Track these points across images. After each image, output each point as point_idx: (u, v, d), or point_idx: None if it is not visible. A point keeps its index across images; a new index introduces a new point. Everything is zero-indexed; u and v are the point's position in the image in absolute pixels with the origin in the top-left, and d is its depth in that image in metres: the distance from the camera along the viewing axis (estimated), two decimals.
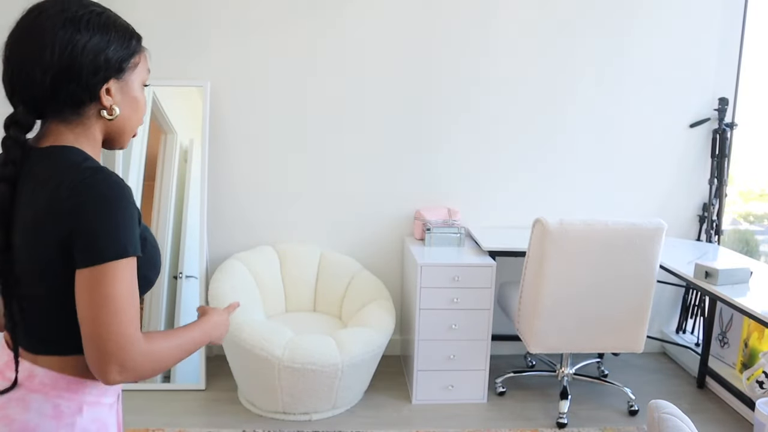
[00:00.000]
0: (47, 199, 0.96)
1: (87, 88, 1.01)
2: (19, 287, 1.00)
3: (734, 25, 3.40)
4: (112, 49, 1.04)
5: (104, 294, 0.94)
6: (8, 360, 1.04)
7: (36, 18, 0.99)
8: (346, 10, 3.23)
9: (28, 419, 0.99)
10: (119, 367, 0.94)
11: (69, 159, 1.00)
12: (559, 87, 3.38)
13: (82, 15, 1.01)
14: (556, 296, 2.66)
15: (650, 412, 1.40)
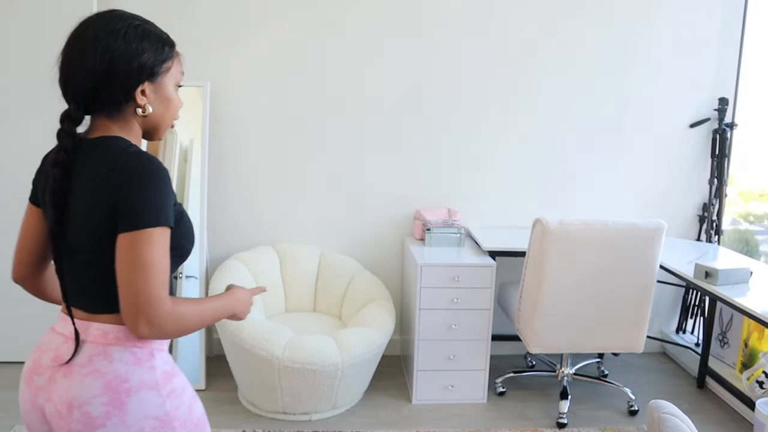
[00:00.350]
0: (102, 180, 1.13)
1: (123, 90, 1.18)
2: (74, 258, 1.18)
3: (734, 25, 3.41)
4: (145, 56, 1.18)
5: (140, 256, 1.08)
6: (72, 330, 1.18)
7: (83, 31, 1.18)
8: (346, 11, 3.23)
9: (115, 368, 1.15)
10: (147, 323, 1.08)
11: (116, 146, 1.17)
12: (559, 87, 3.39)
13: (120, 27, 1.17)
14: (556, 296, 2.66)
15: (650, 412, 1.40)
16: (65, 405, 1.14)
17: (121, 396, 1.14)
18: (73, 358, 1.16)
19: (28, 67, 3.04)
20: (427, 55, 3.30)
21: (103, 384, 1.14)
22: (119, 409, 1.13)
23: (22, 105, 3.07)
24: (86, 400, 1.13)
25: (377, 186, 3.39)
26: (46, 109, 3.09)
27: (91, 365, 1.15)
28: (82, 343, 1.17)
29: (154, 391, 1.17)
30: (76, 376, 1.15)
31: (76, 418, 1.13)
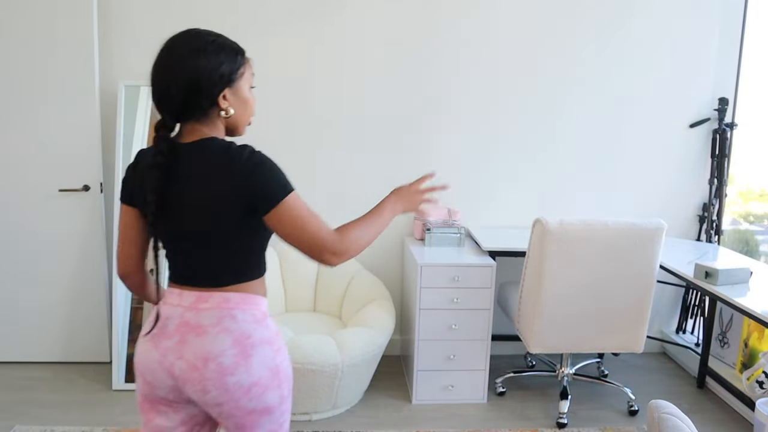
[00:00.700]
0: (224, 174, 1.33)
1: (208, 98, 1.37)
2: (190, 242, 1.40)
3: (734, 25, 3.41)
4: (222, 66, 1.37)
5: (295, 216, 1.35)
6: (194, 301, 1.41)
7: (170, 51, 1.36)
8: (346, 11, 3.23)
9: (240, 327, 1.38)
10: (332, 255, 1.37)
11: (219, 145, 1.36)
12: (559, 87, 3.39)
13: (200, 45, 1.35)
14: (556, 296, 2.66)
15: (650, 412, 1.40)
16: (201, 359, 1.36)
17: (247, 349, 1.37)
18: (200, 321, 1.38)
19: (29, 66, 3.04)
20: (426, 56, 3.30)
21: (232, 340, 1.37)
22: (246, 360, 1.37)
23: (22, 105, 3.07)
24: (220, 353, 1.36)
25: (377, 186, 3.39)
26: (47, 109, 3.09)
27: (220, 325, 1.37)
28: (206, 309, 1.39)
29: (269, 346, 1.41)
30: (208, 335, 1.36)
31: (211, 368, 1.35)
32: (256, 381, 1.38)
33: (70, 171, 3.13)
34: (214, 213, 1.35)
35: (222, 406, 1.39)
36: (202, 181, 1.34)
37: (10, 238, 3.18)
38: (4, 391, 2.99)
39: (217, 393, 1.37)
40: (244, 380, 1.37)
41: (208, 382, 1.36)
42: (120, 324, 3.04)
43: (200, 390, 1.38)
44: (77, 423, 2.72)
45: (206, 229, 1.38)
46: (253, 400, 1.39)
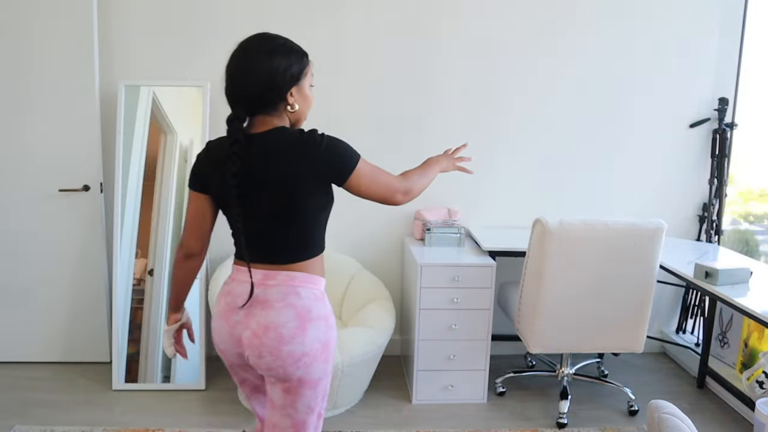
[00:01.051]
0: (299, 158, 1.53)
1: (279, 94, 1.55)
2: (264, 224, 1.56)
3: (734, 25, 3.40)
4: (293, 67, 1.57)
5: (368, 175, 1.60)
6: (261, 277, 1.57)
7: (246, 52, 1.55)
8: (345, 10, 3.23)
9: (304, 303, 1.56)
10: (401, 194, 1.66)
11: (291, 132, 1.57)
12: (559, 87, 3.39)
13: (272, 47, 1.55)
14: (556, 296, 2.66)
15: (650, 412, 1.40)
16: (262, 327, 1.54)
17: (306, 323, 1.55)
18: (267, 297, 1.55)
19: (29, 66, 3.04)
20: (426, 56, 3.30)
21: (295, 314, 1.55)
22: (303, 332, 1.54)
23: (22, 105, 3.07)
24: (281, 324, 1.53)
25: None
26: (47, 109, 3.09)
27: (285, 300, 1.55)
28: (273, 286, 1.56)
29: (324, 322, 1.58)
30: (273, 309, 1.55)
31: (270, 336, 1.53)
32: (307, 352, 1.55)
33: (70, 171, 3.13)
34: (290, 193, 1.53)
35: (272, 371, 1.56)
36: (279, 165, 1.52)
37: (10, 238, 3.18)
38: (4, 391, 2.99)
39: (270, 359, 1.54)
40: (297, 350, 1.54)
41: (264, 348, 1.54)
42: (120, 324, 3.04)
43: (256, 355, 1.55)
44: (77, 423, 2.72)
45: (281, 209, 1.54)
46: (301, 369, 1.56)
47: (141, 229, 3.09)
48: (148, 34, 3.18)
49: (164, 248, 3.08)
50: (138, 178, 3.10)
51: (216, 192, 1.59)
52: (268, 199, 1.54)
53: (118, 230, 3.07)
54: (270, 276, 1.57)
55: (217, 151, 1.58)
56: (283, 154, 1.53)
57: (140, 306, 3.06)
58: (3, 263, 3.20)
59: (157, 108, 3.13)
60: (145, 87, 3.12)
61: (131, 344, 3.05)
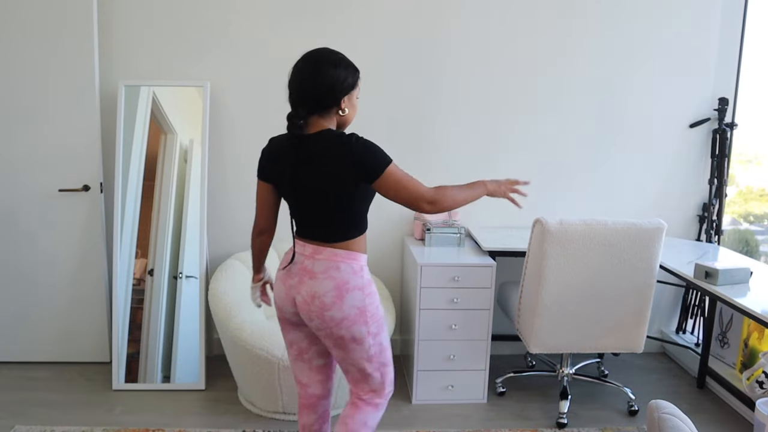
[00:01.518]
0: (343, 156, 1.78)
1: (335, 99, 1.83)
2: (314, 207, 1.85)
3: (734, 25, 3.40)
4: (349, 78, 1.86)
5: (397, 180, 1.80)
6: (311, 252, 1.88)
7: (313, 61, 1.83)
8: (346, 10, 3.23)
9: (341, 275, 1.86)
10: (426, 203, 1.83)
11: (334, 134, 1.82)
12: (559, 87, 3.39)
13: (336, 60, 1.85)
14: (556, 296, 2.66)
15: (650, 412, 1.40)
16: (309, 296, 1.86)
17: (343, 292, 1.85)
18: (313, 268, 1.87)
19: (29, 66, 3.04)
20: (426, 56, 3.30)
21: (333, 284, 1.85)
22: (340, 300, 1.85)
23: (23, 105, 3.07)
24: (323, 293, 1.85)
25: None
26: (47, 109, 3.09)
27: (327, 273, 1.86)
28: (319, 260, 1.87)
29: (360, 291, 1.88)
30: (317, 280, 1.86)
31: (315, 304, 1.85)
32: (345, 316, 1.86)
33: (70, 171, 3.13)
34: (331, 186, 1.80)
35: (321, 331, 1.90)
36: (321, 162, 1.80)
37: (10, 238, 3.18)
38: (4, 391, 2.99)
39: (318, 322, 1.88)
40: (336, 315, 1.86)
41: (312, 313, 1.87)
42: (120, 324, 3.04)
43: (307, 318, 1.90)
44: (77, 423, 2.72)
45: (323, 198, 1.82)
46: (343, 330, 1.88)
47: (141, 229, 3.09)
48: (148, 34, 3.18)
49: (164, 248, 3.08)
50: (138, 178, 3.10)
51: (275, 180, 1.91)
52: (315, 190, 1.82)
53: (118, 230, 3.07)
54: (318, 251, 1.88)
55: (277, 146, 1.90)
56: (325, 153, 1.80)
57: (140, 306, 3.06)
58: (3, 263, 3.20)
59: (157, 108, 3.13)
60: (145, 87, 3.13)
61: (131, 344, 3.05)
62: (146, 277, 3.08)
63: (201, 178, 3.13)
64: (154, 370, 3.04)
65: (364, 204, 1.90)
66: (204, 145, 3.15)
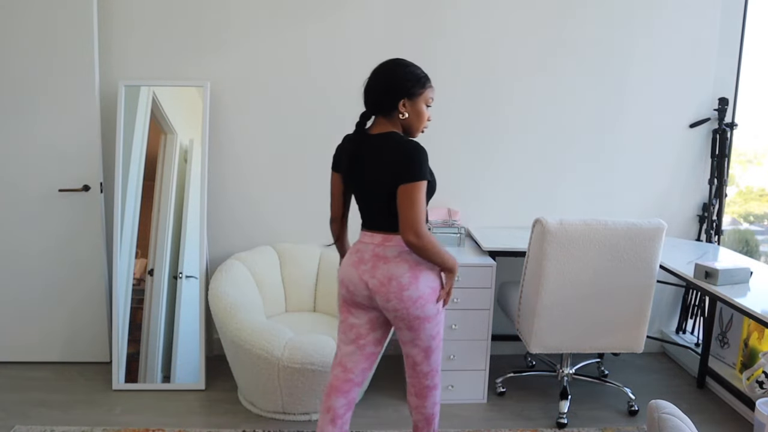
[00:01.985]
0: (393, 156, 1.94)
1: (392, 101, 2.00)
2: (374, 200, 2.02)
3: (734, 25, 3.41)
4: (409, 83, 2.00)
5: (413, 198, 1.91)
6: (381, 240, 2.04)
7: (381, 66, 2.05)
8: (346, 10, 3.23)
9: (414, 257, 2.02)
10: (414, 235, 1.91)
11: (396, 137, 1.99)
12: (558, 87, 3.39)
13: (399, 63, 2.04)
14: (556, 296, 2.66)
15: (650, 412, 1.40)
16: (386, 278, 2.01)
17: (417, 273, 2.01)
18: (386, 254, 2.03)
19: (29, 66, 3.04)
20: (426, 56, 3.30)
21: (408, 266, 2.01)
22: (416, 280, 2.01)
23: (22, 105, 3.07)
24: (400, 275, 2.00)
25: None
26: (47, 109, 3.09)
27: (400, 257, 2.02)
28: (390, 246, 2.03)
29: (432, 273, 2.05)
30: (392, 263, 2.02)
31: (393, 285, 2.00)
32: (421, 295, 2.02)
33: (70, 171, 3.13)
34: (387, 181, 1.95)
35: (398, 311, 2.03)
36: (381, 160, 1.97)
37: (10, 238, 3.18)
38: (4, 391, 2.99)
39: (396, 302, 2.01)
40: (413, 294, 2.01)
41: (390, 294, 2.01)
42: (120, 324, 3.04)
43: (384, 300, 2.03)
44: (77, 423, 2.72)
45: (383, 192, 1.98)
46: (418, 309, 2.02)
47: (141, 229, 3.09)
48: (148, 34, 3.18)
49: (164, 248, 3.08)
50: (138, 178, 3.10)
51: (343, 173, 2.10)
52: (375, 184, 2.00)
53: (118, 230, 3.07)
54: (388, 239, 2.03)
55: (348, 142, 2.09)
56: (385, 153, 1.97)
57: (140, 306, 3.06)
58: (3, 263, 3.20)
59: (157, 108, 3.13)
60: (145, 87, 3.13)
61: (131, 344, 3.05)
62: (146, 277, 3.08)
63: (201, 178, 3.14)
64: (154, 370, 3.04)
65: None
66: (204, 145, 3.15)
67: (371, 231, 2.06)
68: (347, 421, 2.18)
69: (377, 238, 2.04)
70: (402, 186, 1.91)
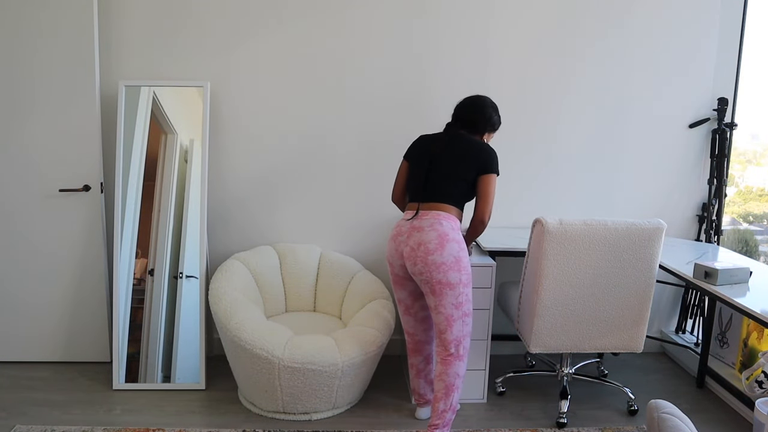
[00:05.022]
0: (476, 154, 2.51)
1: (482, 128, 2.63)
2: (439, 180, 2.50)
3: (734, 25, 3.41)
4: (494, 118, 2.65)
5: (488, 186, 2.50)
6: (422, 213, 2.48)
7: (481, 99, 2.65)
8: (346, 10, 3.23)
9: (443, 229, 2.42)
10: (484, 220, 2.49)
11: (477, 140, 2.56)
12: (558, 87, 3.39)
13: (493, 105, 2.65)
14: (555, 296, 2.66)
15: (650, 412, 1.41)
16: (416, 243, 2.41)
17: (443, 241, 2.39)
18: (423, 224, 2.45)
19: (29, 66, 3.04)
20: (426, 56, 3.30)
21: (436, 234, 2.40)
22: (441, 247, 2.38)
23: (23, 105, 3.07)
24: (428, 241, 2.39)
25: (377, 186, 3.39)
26: (47, 109, 3.09)
27: (432, 227, 2.42)
28: (425, 218, 2.46)
29: (456, 243, 2.42)
30: (424, 231, 2.42)
31: (421, 249, 2.39)
32: (444, 261, 2.36)
33: (70, 171, 3.13)
34: (461, 170, 2.49)
35: (423, 275, 2.40)
36: (461, 156, 2.50)
37: (11, 237, 3.18)
38: (4, 391, 2.99)
39: (421, 266, 2.39)
40: (437, 259, 2.36)
41: (417, 258, 2.39)
42: (120, 324, 3.04)
43: (412, 263, 2.40)
44: (77, 423, 2.73)
45: (451, 177, 2.48)
46: (441, 274, 2.37)
47: (141, 229, 3.09)
48: (148, 34, 3.18)
49: (164, 248, 3.08)
50: (138, 178, 3.10)
51: (414, 161, 2.59)
52: (449, 170, 2.49)
53: (118, 230, 3.07)
54: (425, 213, 2.47)
55: (425, 138, 2.63)
56: (468, 149, 2.52)
57: (140, 306, 3.06)
58: (3, 263, 3.20)
59: (157, 108, 3.13)
60: (145, 87, 3.13)
61: (131, 344, 3.05)
62: (146, 277, 3.08)
63: (201, 178, 3.14)
64: (154, 370, 3.05)
65: (471, 191, 2.53)
66: (204, 145, 3.15)
67: (417, 204, 2.51)
68: (430, 371, 2.77)
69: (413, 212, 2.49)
70: (483, 176, 2.48)
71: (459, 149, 2.49)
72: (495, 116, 2.62)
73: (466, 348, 2.51)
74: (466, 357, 2.53)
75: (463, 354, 2.50)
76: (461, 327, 2.45)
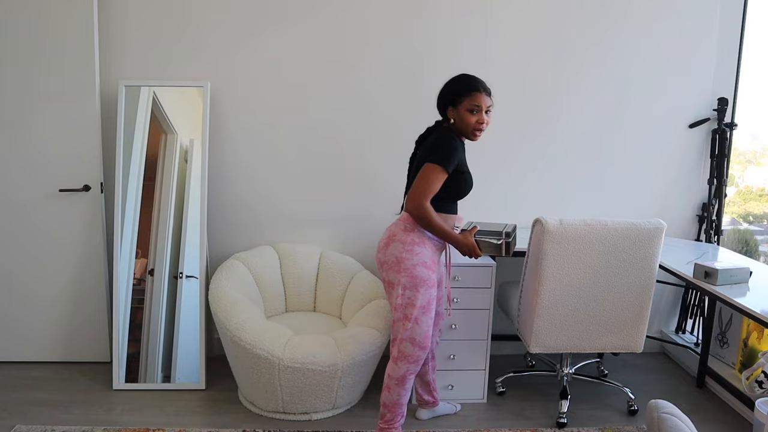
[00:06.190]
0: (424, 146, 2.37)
1: (440, 106, 2.42)
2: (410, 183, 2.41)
3: (734, 25, 3.41)
4: (453, 93, 2.37)
5: (423, 176, 2.26)
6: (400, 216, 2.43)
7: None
8: (346, 10, 3.23)
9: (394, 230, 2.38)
10: (413, 205, 2.26)
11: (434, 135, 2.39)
12: (558, 87, 3.39)
13: (449, 80, 2.42)
14: (555, 296, 2.66)
15: (650, 412, 1.41)
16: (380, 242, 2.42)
17: (389, 241, 2.36)
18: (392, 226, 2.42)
19: (29, 67, 3.04)
20: (425, 55, 3.30)
21: (387, 234, 2.38)
22: (386, 246, 2.37)
23: (23, 105, 3.07)
24: (381, 240, 2.41)
25: (377, 186, 3.39)
26: (47, 109, 3.09)
27: (389, 227, 2.41)
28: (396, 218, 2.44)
29: (402, 245, 2.33)
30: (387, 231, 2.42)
31: (377, 248, 2.41)
32: (386, 260, 2.36)
33: (70, 171, 3.13)
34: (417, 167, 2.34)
35: (379, 272, 2.42)
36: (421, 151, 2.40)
37: (11, 238, 3.18)
38: (4, 391, 2.99)
39: (377, 262, 2.42)
40: (381, 258, 2.38)
41: (376, 255, 2.43)
42: (120, 324, 3.04)
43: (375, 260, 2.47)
44: (77, 423, 2.73)
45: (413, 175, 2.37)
46: (383, 272, 2.38)
47: (141, 229, 3.09)
48: (148, 34, 3.18)
49: (164, 248, 3.08)
50: (138, 178, 3.10)
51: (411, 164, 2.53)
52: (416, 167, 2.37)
53: (118, 230, 3.07)
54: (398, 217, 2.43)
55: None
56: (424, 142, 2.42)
57: (140, 306, 3.06)
58: (3, 263, 3.20)
59: (157, 108, 3.13)
60: (145, 87, 3.13)
61: (131, 344, 3.05)
62: (146, 277, 3.08)
63: (201, 178, 3.14)
64: (154, 370, 3.05)
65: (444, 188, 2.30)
66: (204, 145, 3.15)
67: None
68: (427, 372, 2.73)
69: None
70: (421, 166, 2.27)
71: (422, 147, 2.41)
72: (446, 89, 2.38)
73: (405, 354, 2.34)
74: (407, 364, 2.36)
75: (398, 357, 2.35)
76: (400, 329, 2.32)
